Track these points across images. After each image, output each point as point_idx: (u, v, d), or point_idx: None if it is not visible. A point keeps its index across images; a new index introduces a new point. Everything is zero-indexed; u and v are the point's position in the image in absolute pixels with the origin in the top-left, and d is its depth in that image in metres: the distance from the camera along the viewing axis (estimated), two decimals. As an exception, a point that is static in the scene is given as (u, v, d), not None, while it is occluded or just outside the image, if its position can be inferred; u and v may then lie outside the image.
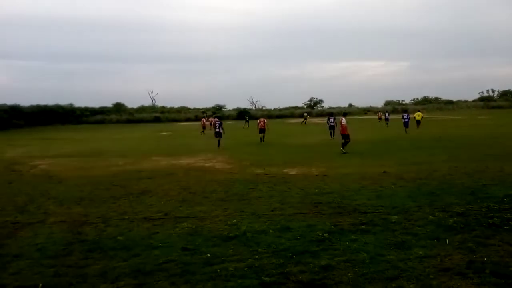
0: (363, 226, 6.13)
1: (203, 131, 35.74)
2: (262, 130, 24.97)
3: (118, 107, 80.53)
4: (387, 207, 7.18)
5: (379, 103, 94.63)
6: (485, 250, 4.93)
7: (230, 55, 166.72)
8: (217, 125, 22.37)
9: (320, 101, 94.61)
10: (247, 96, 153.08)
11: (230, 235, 5.99)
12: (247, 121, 46.85)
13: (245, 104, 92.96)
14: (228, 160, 16.02)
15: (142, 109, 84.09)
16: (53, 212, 7.99)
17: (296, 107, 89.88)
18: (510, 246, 5.02)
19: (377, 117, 47.76)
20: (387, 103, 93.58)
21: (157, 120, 70.76)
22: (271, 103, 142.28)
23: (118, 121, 68.81)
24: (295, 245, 5.44)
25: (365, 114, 74.45)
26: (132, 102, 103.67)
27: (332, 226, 6.19)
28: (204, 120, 38.48)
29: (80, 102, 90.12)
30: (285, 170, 12.37)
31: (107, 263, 5.08)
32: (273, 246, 5.43)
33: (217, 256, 5.17)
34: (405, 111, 33.39)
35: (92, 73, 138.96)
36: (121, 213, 7.73)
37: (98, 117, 70.29)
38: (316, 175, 11.16)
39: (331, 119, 27.47)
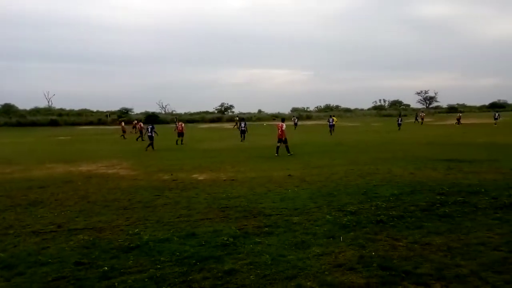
0: (267, 229, 6.29)
1: (123, 135, 35.23)
2: (180, 134, 26.78)
3: (7, 108, 72.14)
4: (290, 209, 7.49)
5: (286, 109, 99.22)
6: (373, 245, 5.40)
7: (139, 57, 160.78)
8: (149, 129, 23.17)
9: (231, 107, 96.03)
10: (156, 99, 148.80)
11: (131, 245, 5.68)
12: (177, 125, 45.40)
13: (154, 108, 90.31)
14: (133, 166, 15.29)
15: (36, 111, 76.35)
16: None
17: (207, 112, 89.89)
18: (394, 241, 5.57)
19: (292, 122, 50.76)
20: (294, 109, 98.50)
21: (54, 123, 64.83)
22: (182, 107, 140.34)
23: (6, 124, 61.52)
24: (200, 251, 5.36)
25: (273, 120, 77.22)
26: (24, 103, 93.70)
27: (238, 230, 6.24)
28: (123, 124, 37.98)
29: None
30: (194, 176, 12.21)
31: (-18, 286, 4.45)
32: (177, 254, 5.28)
33: (116, 269, 4.86)
34: (330, 116, 38.48)
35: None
36: (5, 227, 6.88)
37: (-20, 119, 62.15)
38: (225, 180, 11.21)
39: (242, 124, 29.59)
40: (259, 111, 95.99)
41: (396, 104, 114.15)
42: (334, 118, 35.76)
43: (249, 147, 23.37)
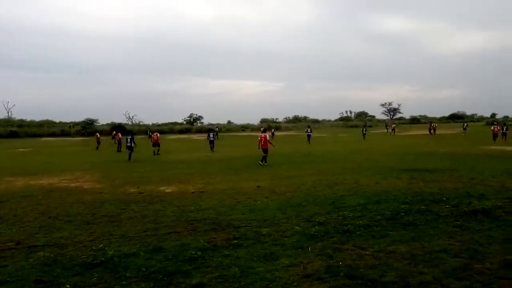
0: (236, 241, 6.25)
1: (97, 147, 35.61)
2: (156, 144, 27.26)
3: (-40, 119, 68.44)
4: (259, 221, 7.48)
5: (255, 120, 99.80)
6: (341, 255, 5.47)
7: (105, 66, 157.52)
8: (129, 140, 23.59)
9: (200, 118, 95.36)
10: (123, 110, 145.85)
11: (95, 261, 5.48)
12: (150, 136, 43.84)
13: (120, 119, 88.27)
14: (98, 179, 14.83)
15: (-6, 122, 72.85)
16: None
17: (175, 123, 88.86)
18: (361, 250, 5.67)
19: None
20: (263, 120, 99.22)
21: (13, 135, 61.93)
22: (150, 118, 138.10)
23: (-40, 136, 58.27)
24: (167, 266, 5.24)
25: (243, 131, 77.50)
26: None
27: (206, 243, 6.16)
28: (99, 136, 38.26)
29: None
30: (161, 188, 11.99)
31: None
32: (143, 269, 5.14)
33: (79, 286, 4.68)
34: (308, 126, 41.92)
35: None
36: (-43, 246, 6.45)
37: None
38: (193, 192, 11.08)
39: (211, 135, 30.24)
40: (229, 122, 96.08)
41: (362, 115, 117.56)
42: (310, 129, 38.78)
43: (219, 158, 23.27)
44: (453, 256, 5.26)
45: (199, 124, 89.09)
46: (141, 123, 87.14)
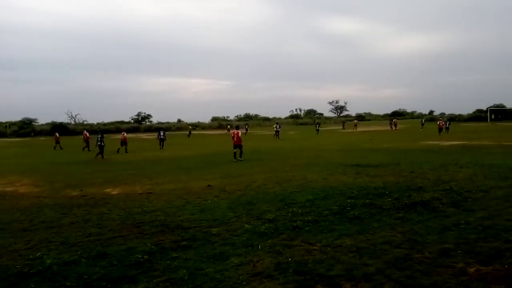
0: (184, 242, 6.10)
1: (55, 146, 34.66)
2: (124, 143, 28.06)
3: None
4: (209, 220, 7.38)
5: (206, 118, 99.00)
6: (290, 251, 5.53)
7: (45, 62, 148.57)
8: (99, 138, 23.73)
9: (149, 116, 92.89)
10: (64, 108, 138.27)
11: (32, 271, 5.10)
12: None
13: (62, 118, 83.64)
14: (37, 182, 13.90)
15: None
16: None
17: (122, 122, 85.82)
18: (309, 245, 5.76)
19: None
20: (214, 119, 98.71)
21: None
22: (94, 117, 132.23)
23: None
24: (111, 272, 4.99)
25: (194, 129, 76.56)
26: None
27: (153, 246, 5.96)
28: (57, 135, 37.13)
29: None
30: (106, 190, 11.47)
31: None
32: (85, 277, 4.86)
33: (12, 300, 4.31)
34: (277, 123, 45.79)
35: None
36: None
37: None
38: (141, 194, 10.71)
39: (161, 133, 31.33)
40: (179, 120, 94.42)
41: (311, 113, 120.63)
42: (279, 125, 43.64)
43: (168, 157, 22.76)
44: (395, 247, 5.50)
45: (147, 123, 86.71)
46: (85, 122, 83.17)
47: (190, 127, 59.94)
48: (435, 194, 8.86)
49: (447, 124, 41.06)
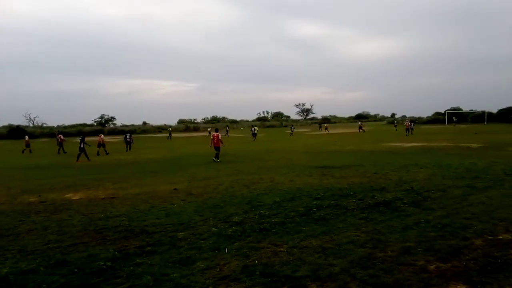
0: (149, 248, 5.96)
1: (23, 151, 32.65)
2: (101, 145, 28.68)
3: None
4: (175, 225, 7.25)
5: (172, 121, 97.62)
6: (256, 253, 5.52)
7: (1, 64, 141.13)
8: (80, 141, 23.97)
9: (112, 118, 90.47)
10: (22, 111, 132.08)
11: (-16, 283, 4.82)
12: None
13: (19, 121, 79.95)
14: (-9, 188, 13.16)
15: None
16: None
17: (84, 125, 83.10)
18: (276, 247, 5.79)
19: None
20: (180, 121, 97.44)
21: None
22: (54, 119, 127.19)
23: None
24: (71, 280, 4.79)
25: (160, 132, 75.36)
26: None
27: (116, 253, 5.78)
28: (27, 138, 34.88)
29: None
30: (67, 196, 11.03)
31: None
32: (44, 286, 4.64)
33: (-39, 314, 4.05)
34: (252, 126, 48.29)
35: None
36: None
37: None
38: (103, 198, 10.38)
39: (127, 136, 31.65)
40: (144, 123, 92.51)
41: (278, 115, 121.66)
42: (256, 128, 46.12)
43: (133, 161, 22.24)
44: (359, 247, 5.63)
45: (111, 126, 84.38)
46: (44, 125, 79.79)
47: (170, 129, 59.35)
48: (397, 194, 9.16)
49: (412, 125, 44.20)
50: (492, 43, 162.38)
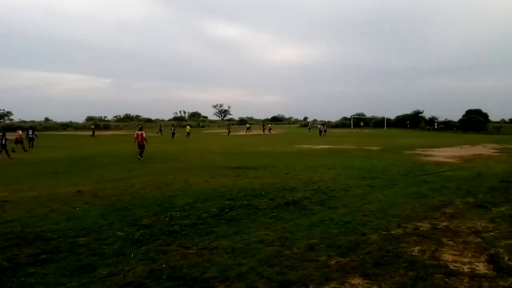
0: (44, 255, 5.43)
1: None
2: (27, 140, 28.73)
3: None
4: (77, 230, 6.72)
5: (80, 118, 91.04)
6: (165, 257, 5.35)
7: None
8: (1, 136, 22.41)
9: (9, 113, 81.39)
10: None
11: None
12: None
13: None
14: None
15: None
16: None
17: (-27, 119, 73.44)
18: (185, 249, 5.67)
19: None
20: (89, 118, 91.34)
21: None
22: None
23: None
24: None
25: (64, 129, 69.69)
26: None
27: (5, 262, 5.16)
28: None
29: None
30: None
31: None
32: None
33: None
34: (173, 125, 49.01)
35: None
36: None
37: None
38: (-7, 202, 9.23)
39: (30, 132, 30.39)
40: (46, 119, 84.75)
41: (195, 115, 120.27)
42: (188, 127, 49.09)
43: (33, 160, 20.19)
44: (267, 245, 5.77)
45: (7, 121, 75.83)
46: None
47: (93, 126, 53.89)
48: (306, 193, 9.61)
49: (325, 128, 51.09)
50: (392, 55, 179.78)
